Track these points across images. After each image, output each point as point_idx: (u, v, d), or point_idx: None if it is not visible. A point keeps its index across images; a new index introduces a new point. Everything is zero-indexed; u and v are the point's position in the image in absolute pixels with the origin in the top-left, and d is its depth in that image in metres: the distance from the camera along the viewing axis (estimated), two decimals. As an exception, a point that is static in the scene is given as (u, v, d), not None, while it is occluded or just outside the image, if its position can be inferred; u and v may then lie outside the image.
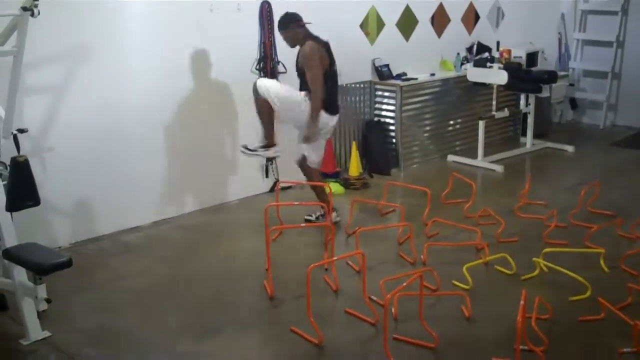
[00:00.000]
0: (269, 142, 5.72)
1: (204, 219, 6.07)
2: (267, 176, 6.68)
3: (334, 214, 5.73)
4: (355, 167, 6.95)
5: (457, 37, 8.38)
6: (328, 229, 5.06)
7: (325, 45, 5.59)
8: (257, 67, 6.45)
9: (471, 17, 8.55)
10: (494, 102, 7.76)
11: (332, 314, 4.35)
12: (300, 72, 5.57)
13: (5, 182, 4.02)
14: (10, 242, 3.96)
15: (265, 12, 6.38)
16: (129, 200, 5.77)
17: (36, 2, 3.97)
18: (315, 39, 5.55)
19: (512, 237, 5.45)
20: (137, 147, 5.74)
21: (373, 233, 5.43)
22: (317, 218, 5.80)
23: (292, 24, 5.56)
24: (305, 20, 5.65)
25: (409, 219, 5.61)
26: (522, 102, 8.14)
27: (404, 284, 4.00)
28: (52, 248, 4.44)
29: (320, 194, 5.75)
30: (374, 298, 4.36)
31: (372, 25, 7.42)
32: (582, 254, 5.04)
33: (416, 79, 7.56)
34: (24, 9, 3.98)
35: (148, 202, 5.90)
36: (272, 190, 6.63)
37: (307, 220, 5.79)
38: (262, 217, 5.06)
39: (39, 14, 4.01)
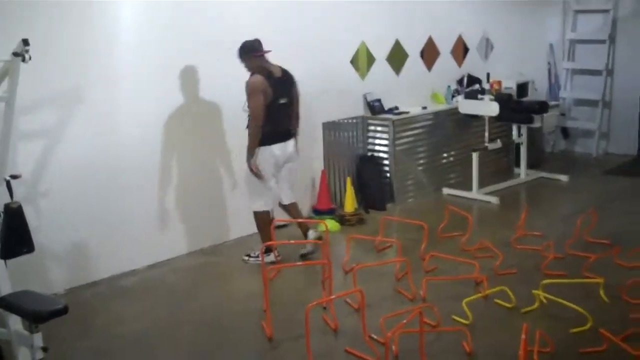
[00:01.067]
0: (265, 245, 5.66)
1: (200, 260, 6.05)
2: (262, 214, 6.66)
3: (312, 234, 5.87)
4: (350, 203, 6.95)
5: (447, 69, 8.45)
6: (325, 267, 5.05)
7: (275, 78, 5.64)
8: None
9: (460, 50, 8.63)
10: (486, 134, 7.80)
11: (332, 353, 4.32)
12: (245, 102, 5.67)
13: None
14: (5, 289, 3.94)
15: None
16: (124, 243, 5.75)
17: (27, 48, 4.00)
18: (266, 70, 5.60)
19: (510, 269, 5.44)
20: (131, 189, 5.74)
21: (370, 270, 5.41)
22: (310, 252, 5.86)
23: (245, 55, 5.62)
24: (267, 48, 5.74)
25: (406, 254, 5.61)
26: (515, 132, 8.18)
27: (404, 321, 3.99)
28: (47, 295, 4.40)
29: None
30: (374, 336, 4.33)
31: (362, 61, 7.48)
32: (581, 284, 5.03)
33: (408, 112, 7.60)
34: (15, 54, 4.00)
35: (143, 244, 5.87)
36: (266, 228, 6.61)
37: (302, 255, 5.81)
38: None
39: (30, 59, 4.03)
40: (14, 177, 4.51)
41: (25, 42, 3.96)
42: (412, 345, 4.15)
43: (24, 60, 4.01)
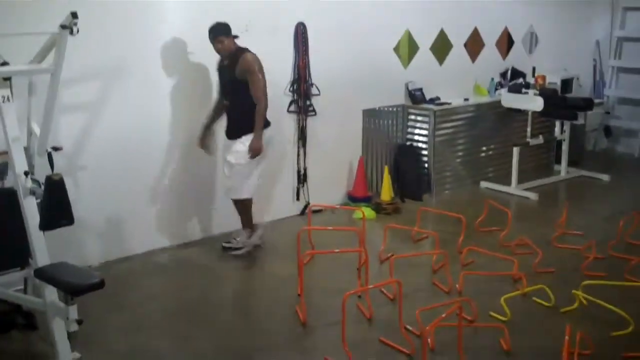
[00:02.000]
0: (251, 228, 5.66)
1: (234, 240, 6.00)
2: (297, 199, 6.61)
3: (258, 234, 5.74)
4: (387, 192, 6.86)
5: (491, 62, 8.29)
6: (361, 254, 4.99)
7: None
8: (291, 89, 6.41)
9: (505, 42, 8.46)
10: (528, 129, 7.65)
11: (366, 342, 4.24)
12: (233, 82, 5.37)
13: (39, 200, 3.99)
14: (43, 261, 3.91)
15: (300, 34, 6.36)
16: (160, 220, 5.74)
17: (75, 21, 3.96)
18: (250, 51, 5.42)
19: (549, 267, 5.32)
20: (169, 166, 5.71)
21: (406, 260, 5.33)
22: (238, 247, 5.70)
23: (226, 34, 5.37)
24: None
25: (442, 246, 5.52)
26: (557, 129, 8.01)
27: (443, 315, 3.90)
28: (84, 268, 4.39)
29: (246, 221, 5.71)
30: (410, 328, 4.25)
31: (405, 49, 7.35)
32: (622, 286, 4.90)
33: (450, 103, 7.48)
34: (63, 27, 3.96)
35: (178, 223, 5.86)
36: (302, 213, 6.57)
37: (224, 247, 5.72)
38: (293, 240, 5.01)
39: (77, 32, 3.99)
40: (56, 149, 4.53)
41: (74, 15, 3.92)
42: (448, 339, 4.07)
43: (71, 33, 3.97)
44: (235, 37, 5.44)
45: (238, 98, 5.38)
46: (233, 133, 5.48)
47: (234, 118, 5.49)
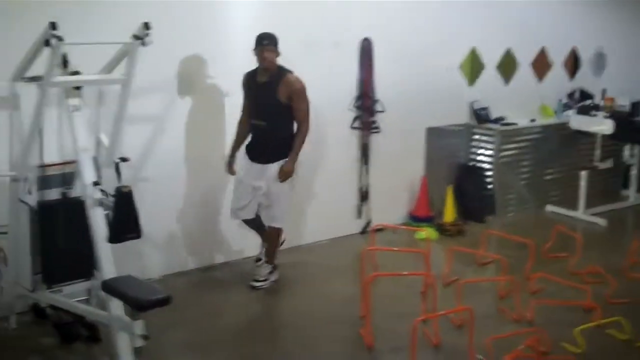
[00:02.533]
0: (273, 264, 5.39)
1: (294, 257, 5.90)
2: (359, 217, 6.51)
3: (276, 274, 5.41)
4: (450, 213, 6.74)
5: (557, 82, 8.10)
6: (427, 278, 4.85)
7: None
8: (355, 105, 6.33)
9: (572, 63, 8.26)
10: (597, 152, 7.42)
11: (433, 370, 4.11)
12: (276, 104, 4.97)
13: (107, 212, 3.96)
14: (109, 274, 3.87)
15: (366, 49, 6.27)
16: (219, 235, 5.69)
17: (147, 32, 3.94)
18: (292, 72, 5.09)
19: (622, 298, 5.10)
20: (228, 182, 5.65)
21: (471, 285, 5.17)
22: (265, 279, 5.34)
23: (275, 47, 4.98)
24: None
25: (508, 271, 5.34)
26: (627, 153, 7.76)
27: (522, 346, 3.74)
28: (149, 282, 4.35)
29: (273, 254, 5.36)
30: (481, 357, 4.09)
31: (471, 67, 7.22)
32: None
33: (516, 124, 7.33)
34: (136, 37, 3.95)
35: (236, 238, 5.79)
36: (363, 231, 6.47)
37: (254, 287, 5.24)
38: (353, 259, 4.90)
39: (150, 42, 3.97)
40: (124, 159, 4.48)
41: (147, 25, 3.90)
42: (521, 370, 3.90)
43: (143, 44, 3.96)
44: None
45: (280, 120, 5.03)
46: (272, 157, 5.07)
47: (273, 141, 5.04)
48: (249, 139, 5.20)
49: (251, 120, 5.11)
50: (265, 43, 4.91)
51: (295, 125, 5.07)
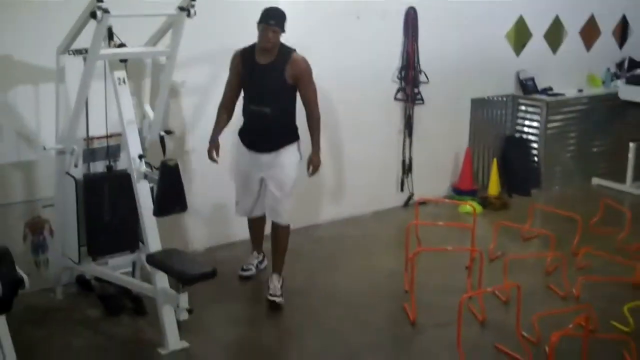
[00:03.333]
0: (260, 252, 5.09)
1: (337, 230, 5.89)
2: (402, 189, 6.46)
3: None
4: (494, 186, 6.66)
5: (606, 51, 7.89)
6: (473, 253, 4.81)
7: None
8: (399, 76, 6.25)
9: (621, 31, 8.04)
10: (647, 123, 7.25)
11: (479, 347, 4.07)
12: (281, 86, 4.45)
13: (152, 185, 3.99)
14: (155, 247, 3.92)
15: (411, 19, 6.18)
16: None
17: (193, 2, 3.92)
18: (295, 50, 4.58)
19: (673, 275, 5.00)
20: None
21: (517, 260, 5.12)
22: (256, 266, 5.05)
23: (280, 27, 4.39)
24: None
25: (555, 246, 5.26)
26: (678, 125, 7.56)
27: (570, 326, 3.69)
28: (194, 255, 4.38)
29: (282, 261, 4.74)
30: (527, 335, 4.06)
31: (518, 36, 7.08)
32: None
33: (563, 94, 7.18)
34: (181, 8, 3.94)
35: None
36: (406, 204, 6.43)
37: (272, 302, 4.55)
38: (397, 232, 4.87)
39: (195, 14, 3.96)
40: (168, 132, 4.53)
41: (193, -5, 3.88)
42: (567, 348, 3.84)
43: (189, 15, 3.94)
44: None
45: (284, 104, 4.53)
46: (279, 144, 4.54)
47: (278, 128, 4.53)
48: (242, 126, 4.68)
49: (249, 106, 4.53)
50: (272, 23, 4.32)
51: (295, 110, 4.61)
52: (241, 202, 4.82)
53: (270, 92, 4.46)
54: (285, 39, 4.52)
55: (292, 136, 4.59)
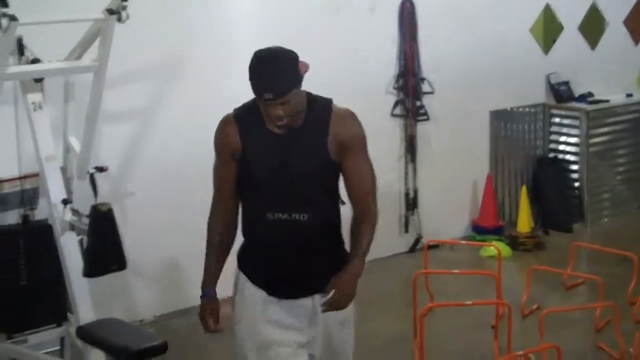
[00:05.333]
0: None
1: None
2: (406, 230, 6.51)
3: None
4: (525, 221, 6.76)
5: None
6: (499, 307, 4.84)
7: None
8: (396, 85, 6.34)
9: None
10: None
11: None
12: (325, 168, 3.19)
13: (81, 237, 4.01)
14: (87, 317, 3.93)
15: (407, 14, 6.29)
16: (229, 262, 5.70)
17: (125, 4, 3.99)
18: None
19: None
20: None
21: (557, 315, 5.14)
22: None
23: (295, 88, 3.05)
24: None
25: (606, 295, 5.31)
26: None
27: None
28: (138, 326, 4.39)
29: None
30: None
31: (546, 30, 7.21)
32: None
33: (608, 101, 7.34)
34: (110, 11, 4.00)
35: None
36: (412, 249, 6.48)
37: None
38: (402, 285, 4.92)
39: (127, 18, 4.02)
40: (100, 169, 4.54)
41: (123, -5, 3.96)
42: None
43: (119, 19, 4.01)
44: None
45: (331, 202, 3.29)
46: (325, 278, 3.15)
47: (321, 245, 3.26)
48: (247, 249, 3.48)
49: (265, 213, 3.21)
50: (270, 97, 2.99)
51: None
52: None
53: (305, 184, 3.18)
54: (241, 48, 4.54)
55: (341, 256, 3.29)
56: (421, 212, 6.51)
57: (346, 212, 3.23)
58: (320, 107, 3.21)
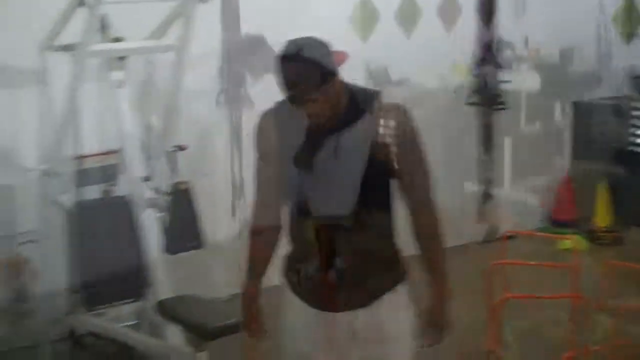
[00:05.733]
0: None
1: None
2: (481, 221, 6.47)
3: None
4: (603, 215, 6.71)
5: None
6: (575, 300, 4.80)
7: None
8: (473, 73, 6.29)
9: None
10: None
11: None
12: (371, 168, 2.86)
13: (161, 214, 4.06)
14: (165, 293, 3.97)
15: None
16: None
17: (207, -15, 4.03)
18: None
19: None
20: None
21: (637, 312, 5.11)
22: None
23: (327, 83, 2.77)
24: None
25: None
26: None
27: None
28: (216, 302, 4.42)
29: None
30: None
31: (628, 16, 7.10)
32: None
33: (692, 93, 7.19)
34: (193, -8, 4.04)
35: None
36: (487, 240, 6.46)
37: None
38: (475, 276, 4.99)
39: (212, -2, 4.06)
40: (180, 148, 4.59)
41: (206, -23, 4.00)
42: None
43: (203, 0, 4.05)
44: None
45: (379, 205, 3.01)
46: (372, 289, 3.05)
47: (366, 254, 3.00)
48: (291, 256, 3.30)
49: (304, 220, 3.01)
50: (294, 94, 2.79)
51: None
52: None
53: (346, 184, 2.91)
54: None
55: (396, 270, 3.14)
56: (497, 202, 6.46)
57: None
58: (363, 101, 2.92)
